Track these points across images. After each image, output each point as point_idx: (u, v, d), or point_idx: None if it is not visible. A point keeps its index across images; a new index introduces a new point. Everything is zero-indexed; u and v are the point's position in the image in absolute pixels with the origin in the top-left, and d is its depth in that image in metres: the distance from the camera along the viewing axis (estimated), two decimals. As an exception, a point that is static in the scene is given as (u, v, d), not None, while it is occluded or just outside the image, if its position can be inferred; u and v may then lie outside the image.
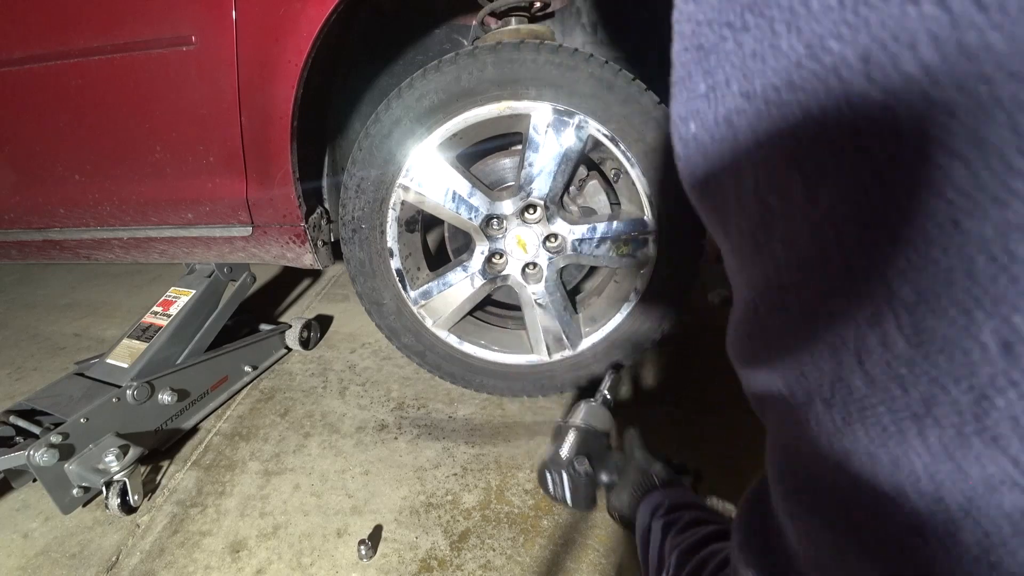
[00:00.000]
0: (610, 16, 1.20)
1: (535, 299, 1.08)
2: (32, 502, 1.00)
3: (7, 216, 1.22)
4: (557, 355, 1.13)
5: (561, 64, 0.90)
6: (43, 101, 1.05)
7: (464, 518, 0.92)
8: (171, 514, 0.96)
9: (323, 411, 1.22)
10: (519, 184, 0.99)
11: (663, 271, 1.05)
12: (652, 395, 1.21)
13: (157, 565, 0.86)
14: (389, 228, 1.03)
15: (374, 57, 1.25)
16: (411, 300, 1.09)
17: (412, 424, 1.16)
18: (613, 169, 1.04)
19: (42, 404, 1.05)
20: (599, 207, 1.15)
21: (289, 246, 1.11)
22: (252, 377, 1.34)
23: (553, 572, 0.83)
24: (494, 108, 0.94)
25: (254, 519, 0.93)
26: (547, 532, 0.89)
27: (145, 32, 0.95)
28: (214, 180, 1.03)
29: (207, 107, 0.97)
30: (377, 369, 1.38)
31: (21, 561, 0.89)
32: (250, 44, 0.91)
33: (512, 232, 1.04)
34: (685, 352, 1.35)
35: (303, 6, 0.88)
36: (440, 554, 0.86)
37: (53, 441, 0.91)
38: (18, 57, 1.02)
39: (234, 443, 1.13)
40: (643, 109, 0.93)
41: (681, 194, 0.29)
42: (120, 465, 0.94)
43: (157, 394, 1.10)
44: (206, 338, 1.25)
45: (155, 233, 1.15)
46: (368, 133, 0.97)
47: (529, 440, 1.10)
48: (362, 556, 0.84)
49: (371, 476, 1.02)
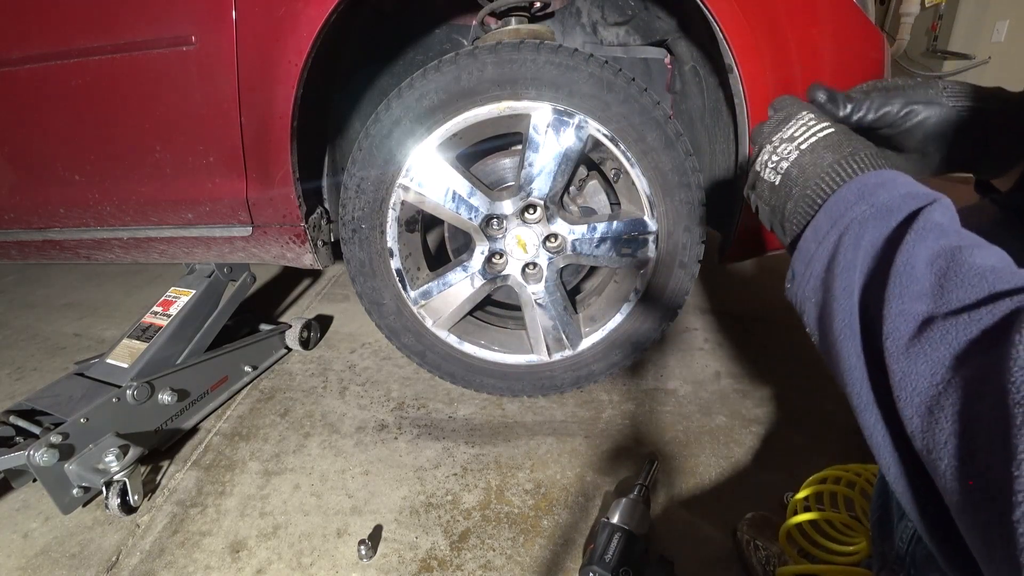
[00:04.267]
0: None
1: (535, 299, 1.08)
2: (32, 502, 1.00)
3: (7, 216, 1.22)
4: (557, 355, 1.13)
5: (561, 64, 0.90)
6: (43, 101, 1.05)
7: (464, 518, 0.92)
8: (171, 514, 0.96)
9: (323, 411, 1.22)
10: (519, 184, 0.99)
11: (663, 271, 1.05)
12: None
13: (157, 565, 0.86)
14: (389, 228, 1.03)
15: (374, 57, 1.25)
16: (411, 300, 1.09)
17: (412, 424, 1.16)
18: (613, 169, 1.04)
19: (42, 404, 1.05)
20: (599, 207, 1.15)
21: (289, 246, 1.11)
22: (252, 377, 1.34)
23: (553, 572, 0.83)
24: (494, 108, 0.94)
25: (254, 519, 0.93)
26: (547, 532, 0.89)
27: (145, 32, 0.95)
28: (214, 180, 1.03)
29: (207, 107, 0.97)
30: (377, 369, 1.38)
31: (21, 561, 0.89)
32: (250, 44, 0.91)
33: (512, 232, 1.04)
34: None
35: (303, 6, 0.88)
36: (440, 554, 0.86)
37: (53, 441, 0.91)
38: (18, 57, 1.02)
39: (234, 443, 1.13)
40: (643, 109, 0.93)
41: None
42: (120, 465, 0.94)
43: (157, 394, 1.10)
44: (206, 338, 1.25)
45: (155, 233, 1.15)
46: (368, 133, 0.97)
47: (529, 440, 1.10)
48: (362, 556, 0.84)
49: (371, 476, 1.02)
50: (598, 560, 0.74)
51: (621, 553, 0.75)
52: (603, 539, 0.77)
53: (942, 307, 0.29)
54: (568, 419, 1.16)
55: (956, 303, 0.29)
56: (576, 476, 1.00)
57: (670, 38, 1.14)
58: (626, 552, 0.75)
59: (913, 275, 0.31)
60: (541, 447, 1.08)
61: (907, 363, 0.29)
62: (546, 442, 1.09)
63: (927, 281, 0.31)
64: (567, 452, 1.06)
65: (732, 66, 0.89)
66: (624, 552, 0.75)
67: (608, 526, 0.79)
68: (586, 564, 0.76)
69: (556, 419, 1.16)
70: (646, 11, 1.14)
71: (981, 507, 0.23)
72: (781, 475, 0.97)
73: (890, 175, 0.38)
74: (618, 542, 0.76)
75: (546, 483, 0.99)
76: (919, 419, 0.28)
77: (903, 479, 0.31)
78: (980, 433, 0.24)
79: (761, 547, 0.80)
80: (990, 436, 0.23)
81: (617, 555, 0.74)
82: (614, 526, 0.79)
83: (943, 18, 3.34)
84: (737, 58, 0.88)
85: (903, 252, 0.32)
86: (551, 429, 1.13)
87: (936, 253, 0.31)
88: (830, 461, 0.82)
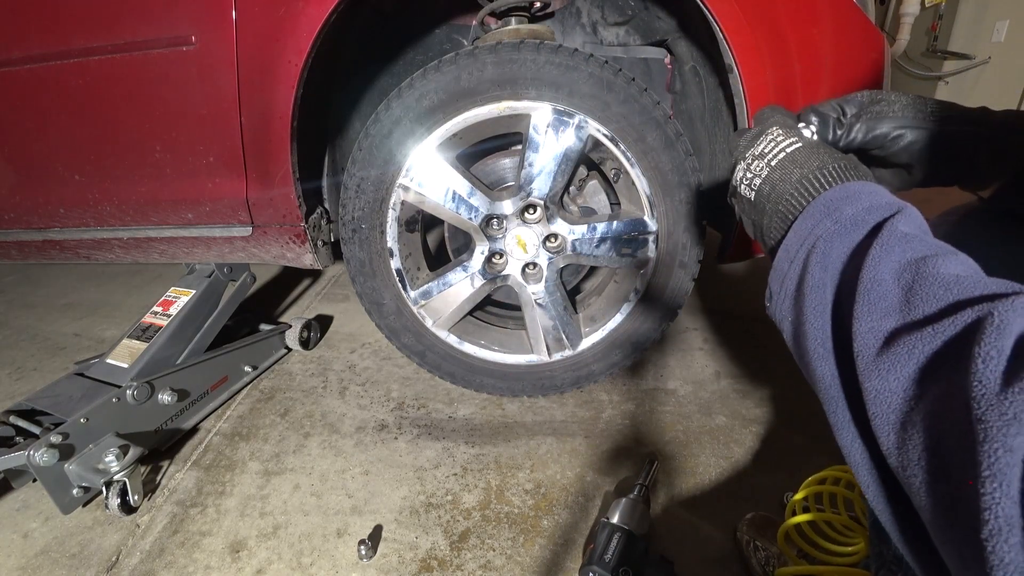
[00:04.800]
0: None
1: (535, 299, 1.08)
2: (32, 502, 1.00)
3: (7, 216, 1.22)
4: (557, 355, 1.13)
5: (561, 64, 0.90)
6: (43, 101, 1.05)
7: (464, 518, 0.92)
8: (171, 514, 0.96)
9: (323, 411, 1.22)
10: (519, 184, 0.99)
11: (663, 271, 1.05)
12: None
13: (157, 565, 0.86)
14: (389, 228, 1.03)
15: (374, 57, 1.25)
16: (411, 300, 1.09)
17: (412, 424, 1.16)
18: (613, 169, 1.04)
19: (42, 404, 1.05)
20: (599, 207, 1.15)
21: (289, 246, 1.11)
22: (252, 377, 1.34)
23: (553, 572, 0.83)
24: (494, 108, 0.94)
25: (254, 519, 0.93)
26: (547, 532, 0.89)
27: (145, 32, 0.94)
28: (214, 180, 1.03)
29: (207, 107, 0.97)
30: (377, 369, 1.38)
31: (21, 561, 0.89)
32: (250, 44, 0.91)
33: (512, 232, 1.04)
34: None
35: (303, 6, 0.88)
36: (440, 554, 0.86)
37: (53, 441, 0.91)
38: (18, 57, 1.02)
39: (234, 443, 1.13)
40: (643, 109, 0.93)
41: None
42: (120, 465, 0.94)
43: (157, 394, 1.10)
44: (206, 338, 1.25)
45: (155, 233, 1.15)
46: (368, 133, 0.97)
47: (529, 440, 1.10)
48: (362, 556, 0.84)
49: (371, 476, 1.02)
50: (598, 560, 0.74)
51: (621, 553, 0.75)
52: (603, 539, 0.77)
53: (909, 320, 0.29)
54: (568, 419, 1.16)
55: (921, 315, 0.29)
56: (576, 476, 1.00)
57: (670, 38, 1.14)
58: (626, 552, 0.75)
59: (881, 291, 0.31)
60: (541, 447, 1.08)
61: (878, 380, 0.29)
62: (546, 442, 1.09)
63: (895, 296, 0.30)
64: (567, 452, 1.06)
65: (732, 66, 0.89)
66: (624, 552, 0.75)
67: (608, 526, 0.79)
68: (586, 564, 0.76)
69: (556, 419, 1.16)
70: (646, 11, 1.14)
71: (954, 524, 0.23)
72: (781, 475, 0.97)
73: (855, 188, 0.38)
74: (618, 542, 0.76)
75: (546, 483, 0.99)
76: (893, 436, 0.28)
77: (882, 498, 0.31)
78: (948, 450, 0.24)
79: (761, 548, 0.80)
80: (958, 453, 0.23)
81: (617, 555, 0.75)
82: (614, 526, 0.79)
83: (943, 18, 3.34)
84: (737, 58, 0.88)
85: (868, 268, 0.32)
86: (551, 429, 1.13)
87: (902, 266, 0.31)
88: (830, 461, 0.82)
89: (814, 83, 0.90)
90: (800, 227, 0.39)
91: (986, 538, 0.20)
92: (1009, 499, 0.20)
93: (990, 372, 0.22)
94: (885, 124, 0.47)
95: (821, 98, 0.90)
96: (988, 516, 0.20)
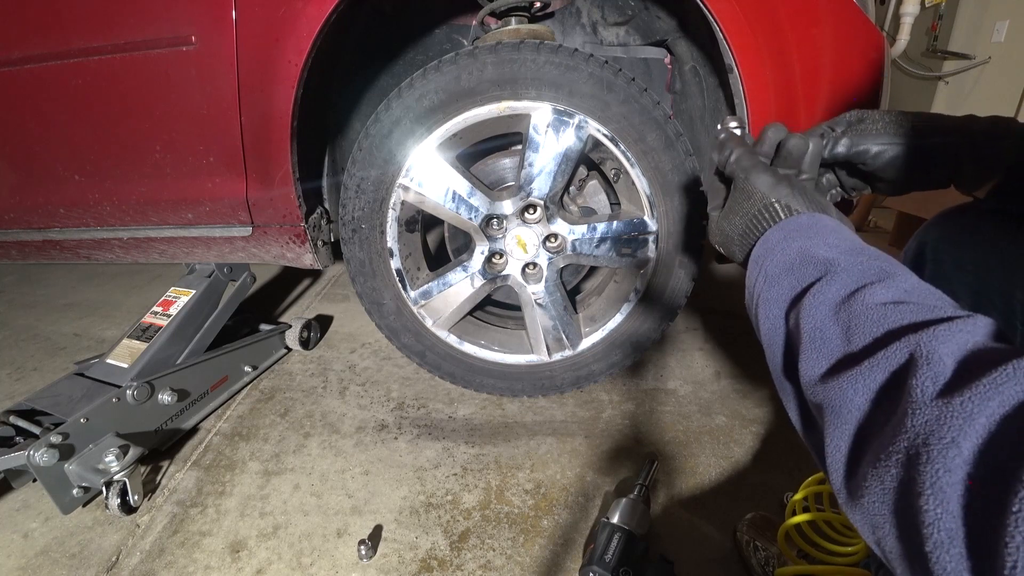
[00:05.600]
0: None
1: (535, 299, 1.08)
2: (32, 502, 1.00)
3: (7, 216, 1.22)
4: (557, 355, 1.13)
5: (561, 64, 0.90)
6: (43, 101, 1.05)
7: (464, 518, 0.92)
8: (171, 514, 0.96)
9: (323, 411, 1.22)
10: (519, 184, 0.99)
11: (663, 271, 1.05)
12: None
13: (157, 565, 0.86)
14: (389, 228, 1.03)
15: (374, 57, 1.25)
16: (411, 300, 1.09)
17: (412, 424, 1.16)
18: (613, 169, 1.04)
19: (42, 404, 1.05)
20: (599, 207, 1.15)
21: (289, 246, 1.11)
22: (252, 377, 1.34)
23: (553, 572, 0.83)
24: (494, 108, 0.94)
25: (254, 519, 0.93)
26: (547, 532, 0.89)
27: (145, 32, 0.94)
28: (214, 180, 1.03)
29: (207, 107, 0.97)
30: (377, 369, 1.38)
31: (21, 561, 0.89)
32: (250, 44, 0.91)
33: (512, 232, 1.04)
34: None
35: (303, 6, 0.88)
36: (440, 554, 0.86)
37: (53, 441, 0.91)
38: (18, 57, 1.02)
39: (234, 443, 1.13)
40: (643, 109, 0.93)
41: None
42: (120, 465, 0.94)
43: (157, 394, 1.10)
44: (206, 338, 1.25)
45: (155, 233, 1.15)
46: (368, 133, 0.97)
47: (529, 440, 1.10)
48: (362, 556, 0.84)
49: (371, 476, 1.02)
50: (598, 560, 0.74)
51: (621, 553, 0.75)
52: (603, 539, 0.77)
53: (849, 355, 0.31)
54: (568, 419, 1.16)
55: (859, 348, 0.30)
56: (576, 476, 1.00)
57: (670, 38, 1.14)
58: (626, 552, 0.75)
59: (823, 336, 0.33)
60: (541, 447, 1.08)
61: (832, 428, 0.30)
62: (546, 442, 1.09)
63: (836, 337, 0.32)
64: (567, 452, 1.06)
65: (732, 66, 0.89)
66: (624, 552, 0.75)
67: (608, 526, 0.79)
68: (586, 564, 0.76)
69: (556, 419, 1.16)
70: (646, 11, 1.14)
71: (906, 541, 0.25)
72: (781, 475, 0.97)
73: (775, 237, 0.43)
74: (618, 542, 0.76)
75: (546, 483, 0.99)
76: (846, 471, 0.30)
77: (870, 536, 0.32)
78: (898, 475, 0.25)
79: (761, 548, 0.80)
80: (907, 472, 0.24)
81: (617, 555, 0.75)
82: (614, 526, 0.79)
83: (943, 18, 3.34)
84: (737, 58, 0.88)
85: (807, 318, 0.34)
86: (551, 429, 1.13)
87: (838, 304, 0.33)
88: (830, 461, 0.82)
89: (814, 83, 0.90)
90: (747, 280, 0.45)
91: (930, 550, 0.22)
92: (950, 515, 0.22)
93: (927, 399, 0.24)
94: (868, 140, 0.50)
95: (821, 98, 0.91)
96: (931, 531, 0.22)
